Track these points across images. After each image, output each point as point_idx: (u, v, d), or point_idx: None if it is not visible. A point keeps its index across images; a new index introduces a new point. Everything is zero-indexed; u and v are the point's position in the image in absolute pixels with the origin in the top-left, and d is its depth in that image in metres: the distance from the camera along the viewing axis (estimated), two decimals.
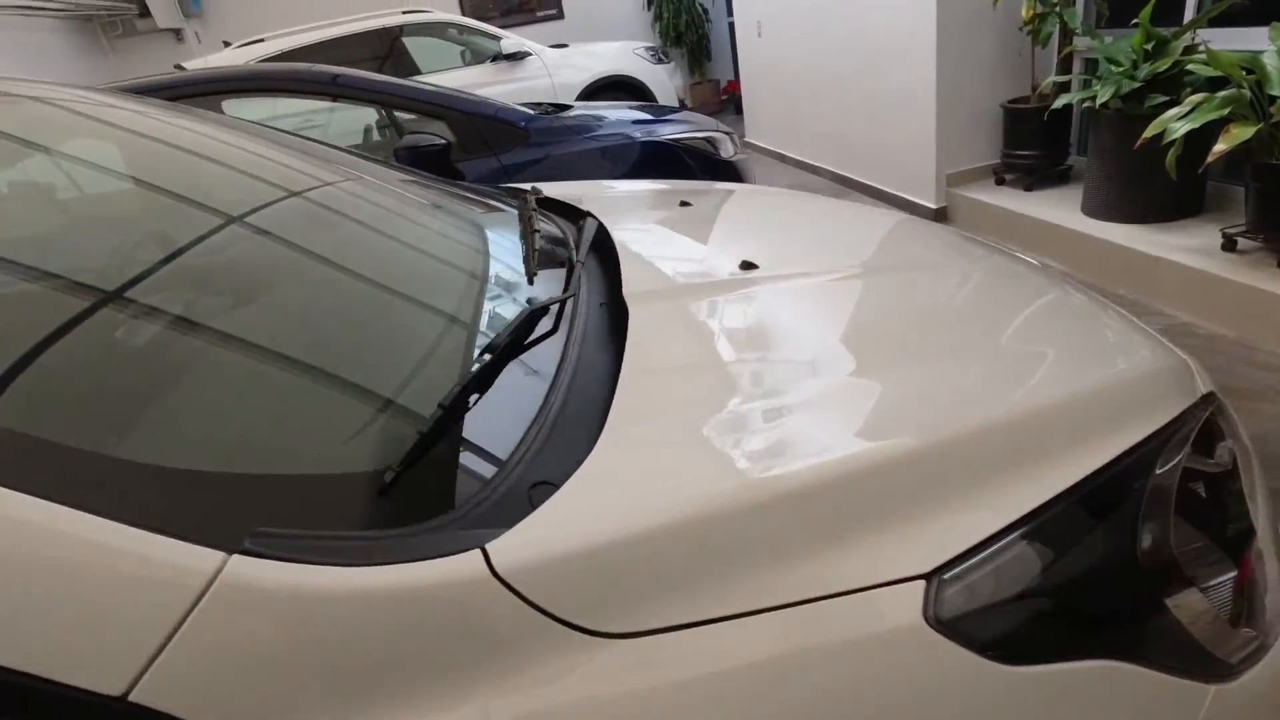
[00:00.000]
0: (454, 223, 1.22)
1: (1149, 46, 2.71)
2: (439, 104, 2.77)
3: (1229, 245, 2.49)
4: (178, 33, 7.70)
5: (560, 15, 8.45)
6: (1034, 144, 3.40)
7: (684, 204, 1.38)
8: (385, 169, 1.48)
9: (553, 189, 1.67)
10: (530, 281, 0.98)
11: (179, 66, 5.61)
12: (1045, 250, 3.16)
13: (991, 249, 1.27)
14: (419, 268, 0.99)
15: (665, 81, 6.55)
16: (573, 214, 1.40)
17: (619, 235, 1.18)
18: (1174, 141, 2.37)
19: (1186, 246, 2.60)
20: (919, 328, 0.89)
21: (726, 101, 8.37)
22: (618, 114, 3.40)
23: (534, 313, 0.81)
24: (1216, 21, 2.72)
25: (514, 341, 0.79)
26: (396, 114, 2.86)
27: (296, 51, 5.72)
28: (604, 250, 1.14)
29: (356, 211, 1.10)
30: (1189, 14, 2.88)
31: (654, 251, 1.13)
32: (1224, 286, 2.37)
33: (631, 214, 1.35)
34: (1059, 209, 3.18)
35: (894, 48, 3.81)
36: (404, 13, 5.95)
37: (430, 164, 2.60)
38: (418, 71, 5.99)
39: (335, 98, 2.83)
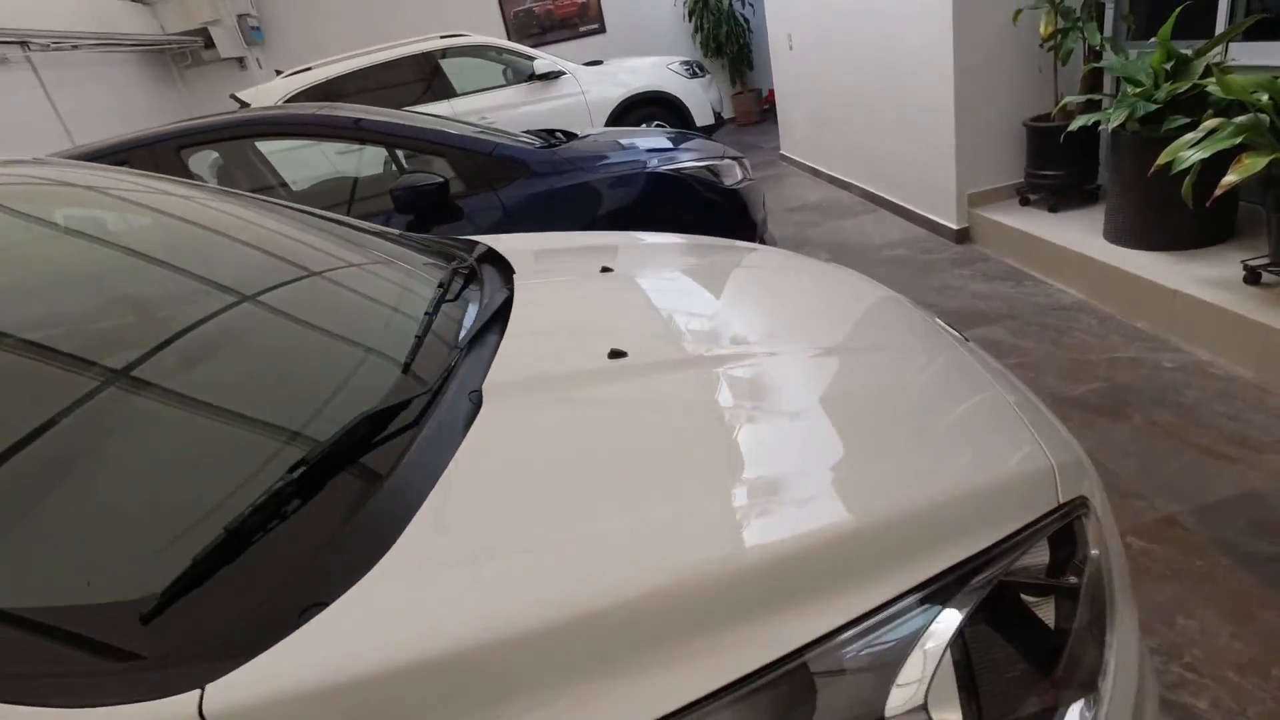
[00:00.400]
0: (338, 304, 1.23)
1: (1169, 66, 2.56)
2: (439, 142, 2.84)
3: (1252, 278, 2.32)
4: (241, 61, 8.14)
5: (602, 29, 8.54)
6: (1058, 163, 3.25)
7: (605, 269, 1.39)
8: (320, 223, 1.52)
9: (502, 241, 1.69)
10: (406, 371, 1.00)
11: (234, 96, 5.93)
12: (1065, 277, 3.02)
13: (907, 327, 1.23)
14: (276, 359, 1.02)
15: (700, 95, 6.54)
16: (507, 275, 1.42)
17: (519, 308, 1.19)
18: (1189, 169, 2.24)
19: (1206, 278, 2.44)
20: (760, 436, 0.87)
21: (768, 111, 8.27)
22: (627, 142, 3.42)
23: (369, 419, 0.84)
24: (1251, 34, 2.55)
25: (347, 447, 0.81)
26: (399, 151, 2.94)
27: (342, 78, 5.96)
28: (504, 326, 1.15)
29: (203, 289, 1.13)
30: (1220, 28, 2.71)
31: (541, 329, 1.14)
32: (1243, 324, 2.22)
33: (545, 280, 1.36)
34: (1081, 233, 3.03)
35: (913, 63, 3.71)
36: (442, 37, 6.12)
37: (428, 202, 2.68)
38: (455, 93, 6.15)
39: (359, 140, 2.93)
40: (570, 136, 3.56)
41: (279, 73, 6.35)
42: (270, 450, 0.83)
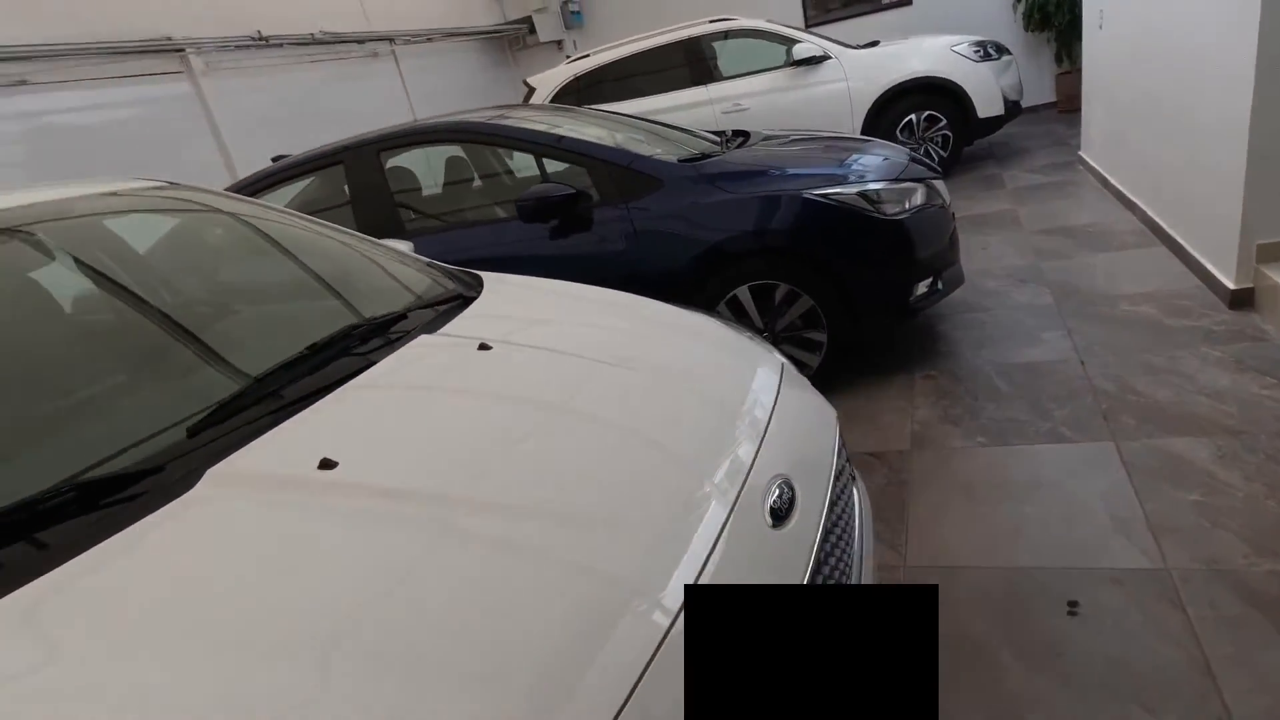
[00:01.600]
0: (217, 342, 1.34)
1: None
2: (579, 151, 2.90)
3: None
4: (560, 44, 9.03)
5: (908, 2, 7.71)
6: None
7: (483, 347, 1.30)
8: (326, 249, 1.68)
9: (507, 283, 1.69)
10: (191, 435, 1.04)
11: (525, 82, 6.66)
12: None
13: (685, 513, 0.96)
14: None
15: (989, 81, 5.64)
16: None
17: (362, 379, 1.15)
18: None
19: None
20: (362, 632, 0.73)
21: None
22: (795, 153, 3.13)
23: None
24: None
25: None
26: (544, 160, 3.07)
27: (615, 63, 6.33)
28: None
29: None
30: None
31: (334, 412, 1.08)
32: None
33: (424, 347, 1.28)
34: None
35: (1208, 61, 2.76)
36: (710, 22, 6.12)
37: (557, 212, 2.78)
38: (713, 79, 6.14)
39: (508, 146, 3.18)
40: (744, 141, 3.36)
41: (569, 58, 6.95)
42: None
